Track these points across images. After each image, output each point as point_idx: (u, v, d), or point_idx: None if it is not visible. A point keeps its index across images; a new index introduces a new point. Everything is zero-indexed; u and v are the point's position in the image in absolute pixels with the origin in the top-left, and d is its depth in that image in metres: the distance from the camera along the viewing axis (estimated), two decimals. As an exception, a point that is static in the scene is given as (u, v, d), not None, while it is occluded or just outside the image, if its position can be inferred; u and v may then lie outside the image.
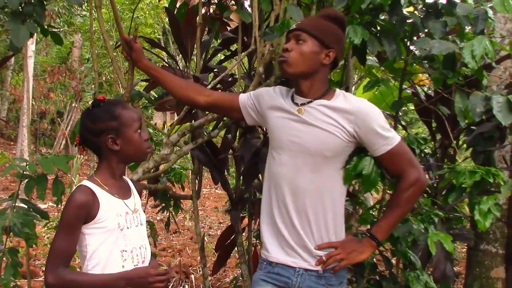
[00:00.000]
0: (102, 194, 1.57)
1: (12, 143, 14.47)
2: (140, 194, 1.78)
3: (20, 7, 1.87)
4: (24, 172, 2.03)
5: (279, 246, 1.80)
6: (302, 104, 1.79)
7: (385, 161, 1.77)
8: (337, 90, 1.84)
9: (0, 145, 13.93)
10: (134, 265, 1.59)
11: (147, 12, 10.54)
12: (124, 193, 1.65)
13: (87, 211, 1.52)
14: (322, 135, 1.73)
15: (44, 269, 4.28)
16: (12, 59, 11.43)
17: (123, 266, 1.57)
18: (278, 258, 1.80)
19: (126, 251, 1.58)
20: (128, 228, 1.59)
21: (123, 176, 1.72)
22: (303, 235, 1.76)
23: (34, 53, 9.60)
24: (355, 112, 1.72)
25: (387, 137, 1.73)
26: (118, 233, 1.57)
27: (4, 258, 2.02)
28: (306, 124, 1.75)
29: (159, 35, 13.05)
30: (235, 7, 2.49)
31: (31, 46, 8.75)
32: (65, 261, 1.51)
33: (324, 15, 1.83)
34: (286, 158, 1.78)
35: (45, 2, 1.96)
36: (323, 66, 1.78)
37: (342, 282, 1.83)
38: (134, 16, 9.79)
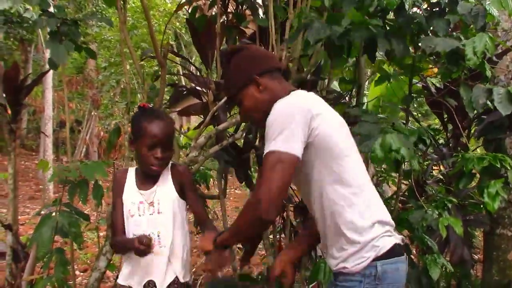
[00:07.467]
0: (130, 179, 1.89)
1: (34, 153, 14.79)
2: (182, 176, 1.91)
3: (56, 27, 2.05)
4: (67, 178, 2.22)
5: None
6: None
7: None
8: None
9: (22, 155, 14.20)
10: None
11: (160, 19, 10.73)
12: (146, 184, 1.87)
13: (121, 185, 1.87)
14: None
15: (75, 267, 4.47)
16: (30, 71, 11.72)
17: None
18: None
19: (135, 235, 1.80)
20: (140, 215, 1.83)
21: (171, 163, 1.92)
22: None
23: (53, 65, 9.84)
24: None
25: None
26: (130, 218, 1.84)
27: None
28: None
29: (171, 40, 13.23)
30: (251, 16, 2.64)
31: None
32: (118, 228, 1.86)
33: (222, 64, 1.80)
34: None
35: (79, 22, 2.11)
36: (263, 92, 1.64)
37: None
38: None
